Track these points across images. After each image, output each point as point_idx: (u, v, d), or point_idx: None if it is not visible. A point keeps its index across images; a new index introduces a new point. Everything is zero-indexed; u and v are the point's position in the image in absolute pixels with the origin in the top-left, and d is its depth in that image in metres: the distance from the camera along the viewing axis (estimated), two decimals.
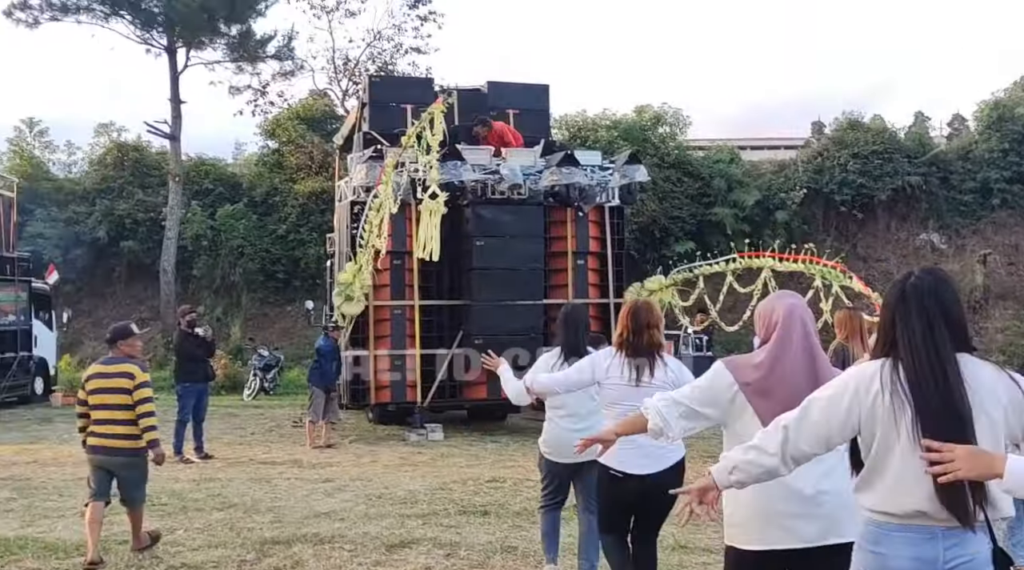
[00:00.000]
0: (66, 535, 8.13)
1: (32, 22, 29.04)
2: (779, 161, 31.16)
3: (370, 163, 14.95)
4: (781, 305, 3.94)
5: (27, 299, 20.90)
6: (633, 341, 5.44)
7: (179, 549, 7.63)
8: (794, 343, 3.82)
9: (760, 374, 3.80)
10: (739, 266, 17.59)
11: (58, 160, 38.11)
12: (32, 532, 8.28)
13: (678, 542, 7.64)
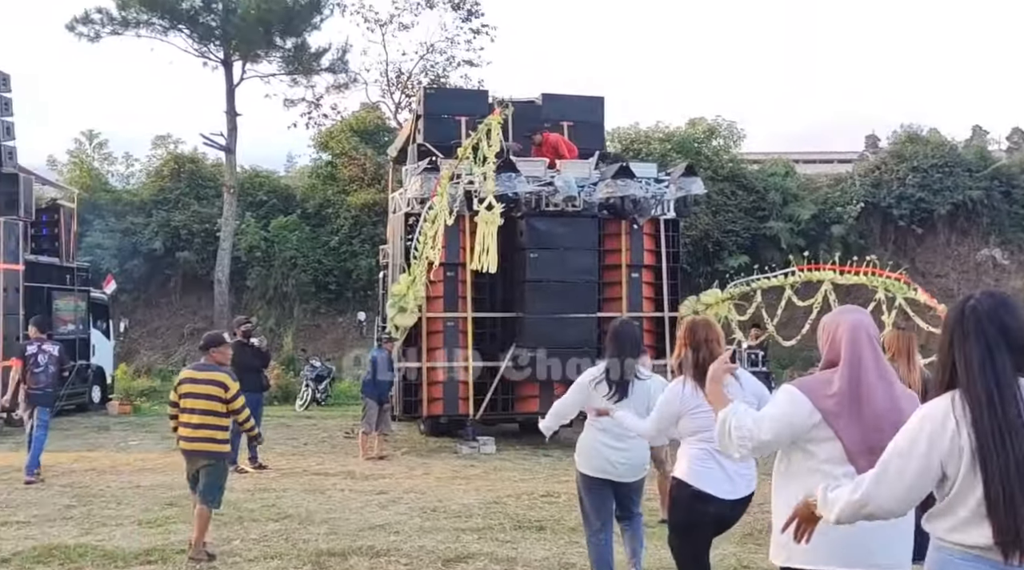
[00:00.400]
0: (124, 544, 8.16)
1: (94, 36, 29.60)
2: (835, 175, 30.79)
3: (425, 175, 14.96)
4: (846, 321, 3.76)
5: (86, 308, 21.19)
6: (694, 359, 5.26)
7: (235, 559, 7.61)
8: (866, 363, 3.66)
9: (842, 403, 3.62)
10: (798, 280, 17.08)
11: (116, 172, 38.60)
12: (91, 540, 8.30)
13: (740, 562, 7.47)
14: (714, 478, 5.05)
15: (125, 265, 29.42)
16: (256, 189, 31.52)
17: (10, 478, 11.89)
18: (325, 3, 30.73)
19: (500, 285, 15.19)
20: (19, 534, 8.56)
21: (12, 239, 17.46)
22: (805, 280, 17.09)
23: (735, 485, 5.04)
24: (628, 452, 6.09)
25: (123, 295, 28.75)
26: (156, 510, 9.70)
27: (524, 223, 14.93)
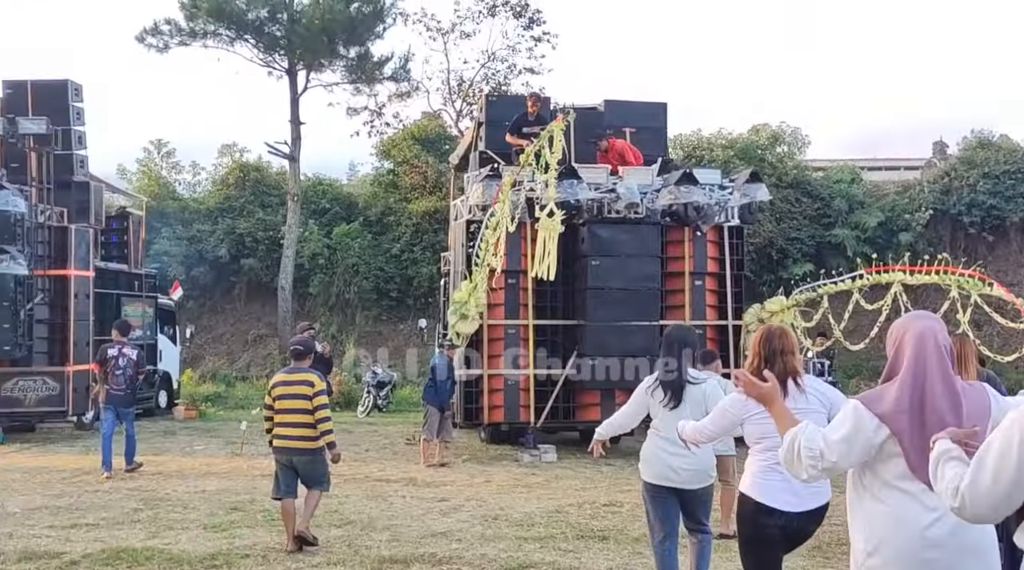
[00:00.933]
0: (190, 547, 8.24)
1: (162, 47, 30.18)
2: (902, 181, 30.24)
3: (487, 182, 14.97)
4: (914, 328, 3.61)
5: (153, 314, 21.53)
6: (768, 368, 5.13)
7: (299, 565, 7.65)
8: (931, 369, 3.51)
9: (902, 403, 3.49)
10: (866, 283, 16.51)
11: (184, 180, 39.40)
12: (158, 543, 8.40)
13: None
14: (777, 490, 4.92)
15: (191, 272, 29.92)
16: (319, 197, 31.85)
17: (80, 481, 12.11)
18: (388, 12, 31.00)
19: (562, 292, 15.13)
20: (88, 536, 8.69)
21: (83, 246, 17.81)
22: (874, 283, 16.54)
23: (800, 497, 4.89)
24: (691, 458, 5.97)
25: (189, 301, 29.23)
26: (221, 514, 9.80)
27: (586, 230, 14.85)
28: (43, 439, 17.13)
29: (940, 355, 3.52)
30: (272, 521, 9.43)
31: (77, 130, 18.74)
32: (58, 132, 17.96)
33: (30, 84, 18.52)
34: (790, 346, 5.15)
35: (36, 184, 17.49)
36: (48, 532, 8.90)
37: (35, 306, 16.87)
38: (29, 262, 16.42)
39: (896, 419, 3.48)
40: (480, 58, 34.40)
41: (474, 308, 14.17)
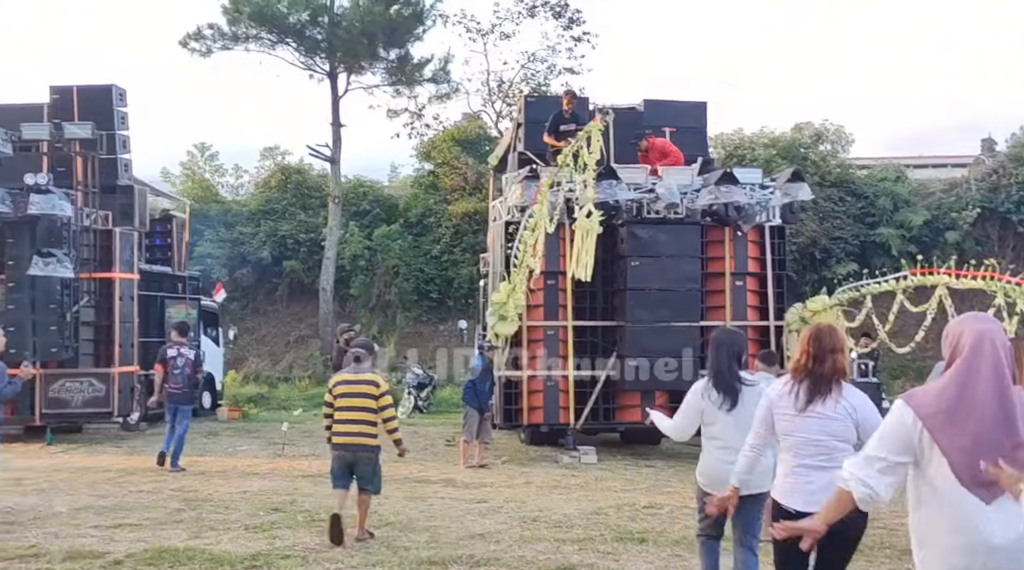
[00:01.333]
0: (231, 547, 8.30)
1: (205, 51, 30.54)
2: (949, 180, 29.77)
3: (525, 183, 14.96)
4: (972, 329, 3.54)
5: (196, 316, 21.71)
6: (813, 368, 5.06)
7: (338, 566, 7.67)
8: (983, 372, 3.43)
9: (944, 403, 3.44)
10: (910, 284, 16.08)
11: (227, 183, 39.85)
12: (199, 543, 8.46)
13: None
14: (803, 493, 4.88)
15: (234, 274, 30.22)
16: (360, 199, 32.02)
17: (125, 481, 12.26)
18: (427, 14, 31.15)
19: (601, 293, 15.09)
20: (132, 536, 8.78)
21: (127, 249, 18.02)
22: (918, 284, 16.06)
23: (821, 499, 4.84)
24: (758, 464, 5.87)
25: (232, 303, 29.48)
26: (262, 515, 9.86)
27: (625, 231, 14.80)
28: (89, 440, 17.37)
29: (996, 359, 3.45)
30: (312, 522, 9.50)
31: (121, 134, 18.98)
32: (103, 136, 18.20)
33: (76, 90, 18.80)
34: (840, 344, 5.08)
35: (82, 188, 17.74)
36: (93, 532, 9.01)
37: (81, 309, 17.10)
38: (75, 265, 16.65)
39: (933, 417, 3.44)
40: (520, 59, 34.49)
41: (513, 309, 14.14)
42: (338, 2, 30.21)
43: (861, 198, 27.82)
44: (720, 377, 6.13)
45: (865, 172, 29.85)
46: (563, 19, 33.93)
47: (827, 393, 4.94)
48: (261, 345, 30.26)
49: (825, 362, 4.94)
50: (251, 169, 40.87)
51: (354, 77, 31.67)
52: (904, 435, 3.49)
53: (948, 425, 3.40)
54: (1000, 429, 3.35)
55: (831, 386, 4.96)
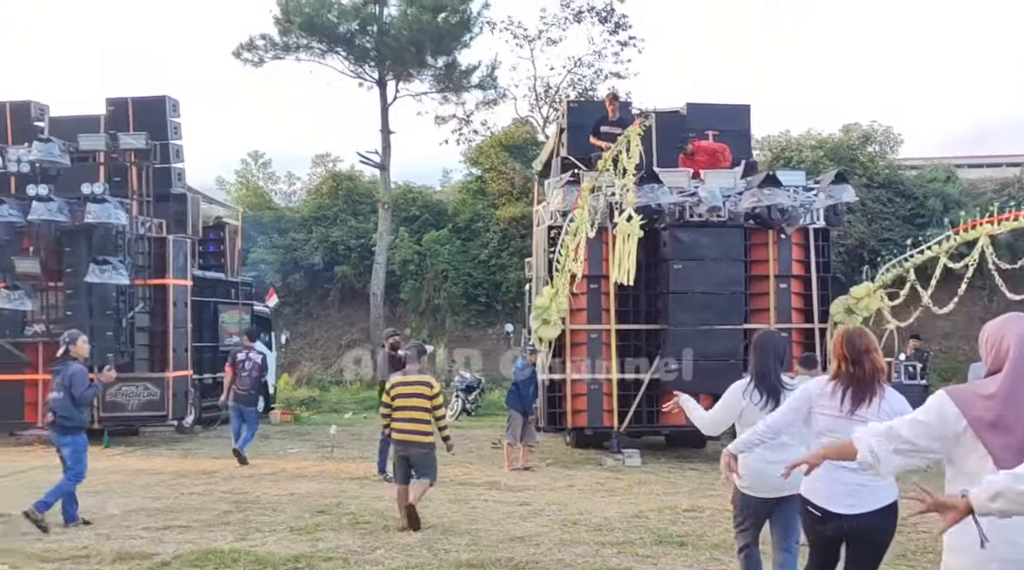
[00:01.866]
0: (276, 549, 8.38)
1: (257, 61, 30.91)
2: (1001, 179, 29.21)
3: (567, 188, 14.98)
4: (1013, 330, 3.52)
5: (250, 320, 21.95)
6: (853, 371, 5.01)
7: (378, 568, 7.71)
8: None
9: (992, 407, 3.41)
10: (952, 244, 15.17)
11: (279, 190, 40.34)
12: (245, 545, 8.55)
13: None
14: (832, 493, 4.86)
15: (287, 279, 30.53)
16: (409, 204, 32.20)
17: (178, 483, 12.44)
18: (475, 21, 31.23)
19: (644, 297, 15.03)
20: (180, 538, 8.91)
21: (181, 256, 18.30)
22: (961, 242, 15.18)
23: (859, 498, 4.78)
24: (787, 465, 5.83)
25: (285, 308, 29.79)
26: (307, 518, 9.94)
27: (667, 234, 14.74)
28: (145, 443, 17.66)
29: None
30: (356, 524, 9.58)
31: (175, 144, 19.28)
32: (157, 146, 18.47)
33: (131, 101, 19.15)
34: (873, 344, 5.06)
35: (136, 197, 18.02)
36: (143, 533, 9.16)
37: (136, 314, 17.39)
38: (130, 272, 16.93)
39: (980, 420, 3.40)
40: (566, 64, 34.47)
41: (556, 313, 14.14)
42: (386, 11, 30.43)
43: (911, 199, 27.42)
44: (764, 379, 6.09)
45: (915, 173, 29.40)
46: (609, 24, 33.84)
47: (872, 394, 4.92)
48: (313, 349, 30.55)
49: (863, 364, 4.93)
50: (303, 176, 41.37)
51: (403, 84, 31.87)
52: (941, 428, 3.48)
53: (997, 425, 3.38)
54: None
55: (875, 388, 4.94)
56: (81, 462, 9.62)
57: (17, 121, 19.08)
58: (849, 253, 25.69)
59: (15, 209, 16.77)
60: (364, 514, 10.11)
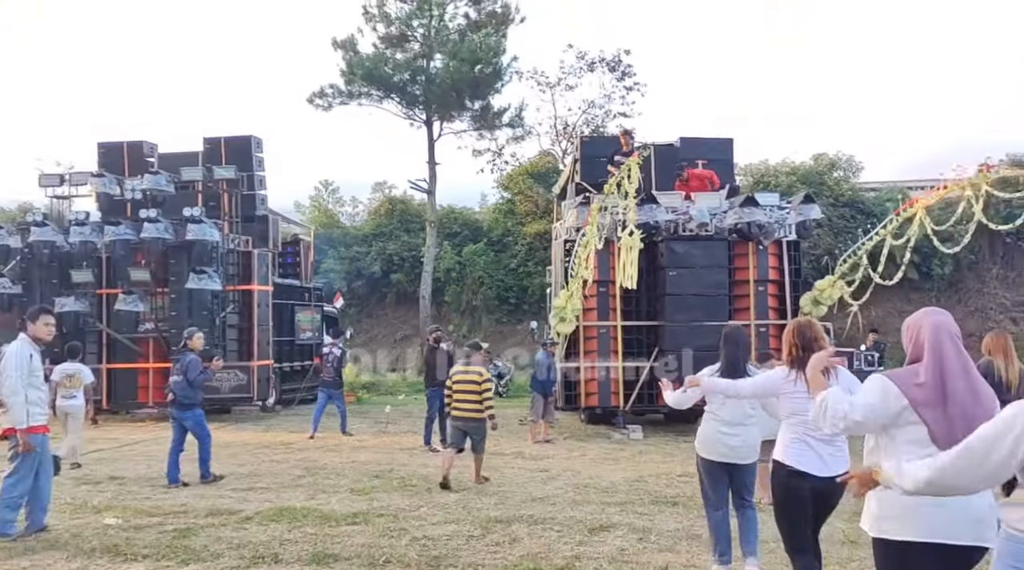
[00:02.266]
0: (339, 507, 8.43)
1: (327, 106, 31.03)
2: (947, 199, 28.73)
3: (580, 208, 14.96)
4: (927, 322, 3.52)
5: (320, 320, 22.13)
6: (804, 357, 5.00)
7: (421, 523, 7.72)
8: (949, 360, 3.41)
9: (928, 393, 3.40)
10: (895, 225, 14.99)
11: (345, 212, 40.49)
12: (313, 504, 8.61)
13: (847, 536, 7.03)
14: (807, 458, 4.90)
15: (351, 285, 30.66)
16: (451, 222, 32.24)
17: (260, 453, 12.53)
18: (505, 71, 31.16)
19: (645, 298, 14.93)
20: (261, 497, 8.99)
21: (264, 266, 18.45)
22: (904, 220, 14.89)
23: (827, 464, 4.81)
24: (742, 436, 5.91)
25: (350, 309, 29.92)
26: (365, 481, 9.99)
27: (664, 246, 14.66)
28: (235, 419, 17.79)
29: (954, 341, 3.45)
30: (405, 487, 9.60)
31: (259, 175, 19.45)
32: (244, 177, 18.68)
33: (223, 140, 19.35)
34: (819, 334, 5.07)
35: (227, 218, 18.21)
36: (231, 493, 9.24)
37: (227, 315, 17.56)
38: (222, 280, 17.10)
39: (916, 392, 3.40)
40: (581, 105, 34.45)
41: (571, 312, 14.12)
42: (433, 64, 30.45)
43: (870, 216, 26.99)
44: (732, 367, 6.07)
45: (873, 194, 29.04)
46: (617, 72, 33.76)
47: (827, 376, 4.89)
48: (373, 343, 30.63)
49: (812, 350, 4.89)
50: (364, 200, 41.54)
51: (446, 124, 31.89)
52: (886, 407, 3.45)
53: (932, 403, 3.37)
54: (973, 405, 3.33)
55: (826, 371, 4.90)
56: (204, 428, 10.22)
57: (132, 157, 19.35)
58: (817, 261, 25.38)
59: (130, 229, 17.01)
60: (412, 479, 10.13)
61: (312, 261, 23.45)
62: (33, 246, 17.55)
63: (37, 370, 7.34)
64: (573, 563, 6.32)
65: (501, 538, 7.12)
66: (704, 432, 6.13)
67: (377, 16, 30.61)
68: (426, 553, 6.61)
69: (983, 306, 26.38)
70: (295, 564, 6.37)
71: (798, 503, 5.06)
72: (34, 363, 7.28)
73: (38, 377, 7.35)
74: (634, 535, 7.24)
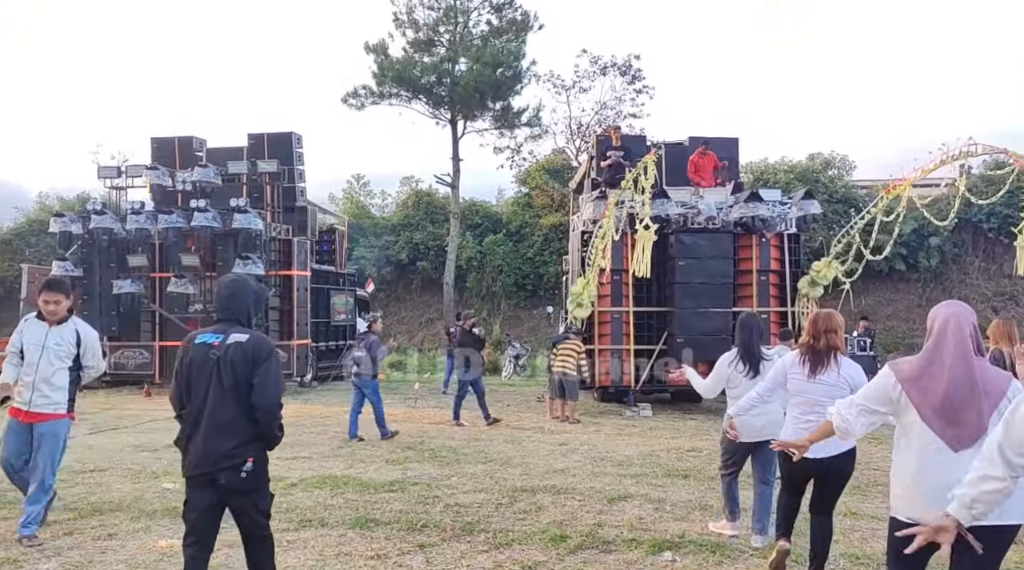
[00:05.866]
0: (376, 476, 8.42)
1: (360, 106, 31.05)
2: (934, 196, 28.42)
3: (596, 202, 14.83)
4: (942, 313, 3.46)
5: (353, 303, 22.18)
6: (814, 344, 5.00)
7: (453, 491, 7.71)
8: (948, 345, 3.35)
9: (916, 371, 3.38)
10: (885, 203, 14.71)
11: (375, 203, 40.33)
12: (352, 472, 8.61)
13: (849, 509, 6.97)
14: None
15: (381, 271, 30.64)
16: (473, 214, 32.14)
17: (300, 425, 12.51)
18: (524, 75, 31.06)
19: (655, 286, 14.82)
20: (304, 466, 8.98)
21: (302, 253, 18.49)
22: (892, 198, 14.57)
23: (827, 445, 4.68)
24: (766, 415, 5.72)
25: (380, 293, 29.93)
26: (399, 452, 9.99)
27: (674, 238, 14.53)
28: None
29: (958, 330, 3.37)
30: (435, 458, 9.58)
31: (298, 168, 19.46)
32: (285, 170, 18.70)
33: (266, 136, 19.36)
34: (833, 326, 5.06)
35: (269, 209, 18.26)
36: (276, 462, 8.94)
37: (269, 297, 17.62)
38: (265, 265, 17.13)
39: (908, 381, 3.38)
40: (594, 107, 34.27)
41: (587, 298, 14.04)
42: (457, 67, 30.34)
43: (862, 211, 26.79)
44: (747, 352, 6.05)
45: (865, 191, 28.72)
46: (628, 76, 33.58)
47: (827, 364, 4.96)
48: (401, 325, 30.66)
49: (821, 340, 4.95)
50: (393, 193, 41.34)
51: (469, 123, 31.82)
52: (885, 391, 3.46)
53: (920, 388, 3.34)
54: (965, 388, 3.26)
55: (829, 359, 4.97)
56: (379, 395, 11.28)
57: (183, 151, 19.40)
58: (814, 253, 25.15)
59: (181, 218, 17.05)
60: (441, 450, 10.12)
61: (346, 249, 23.47)
62: (93, 233, 17.64)
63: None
64: (596, 530, 6.29)
65: (528, 506, 7.10)
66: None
67: (407, 22, 30.55)
68: (459, 519, 6.59)
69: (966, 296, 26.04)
70: (340, 526, 6.37)
71: (795, 478, 5.14)
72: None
73: None
74: (650, 505, 7.20)
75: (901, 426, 3.44)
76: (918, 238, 25.71)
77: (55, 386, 5.91)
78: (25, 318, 6.14)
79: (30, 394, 5.86)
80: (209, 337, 4.13)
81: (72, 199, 32.30)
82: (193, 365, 4.09)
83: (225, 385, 3.99)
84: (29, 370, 5.87)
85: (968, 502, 2.87)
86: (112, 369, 17.69)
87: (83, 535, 6.08)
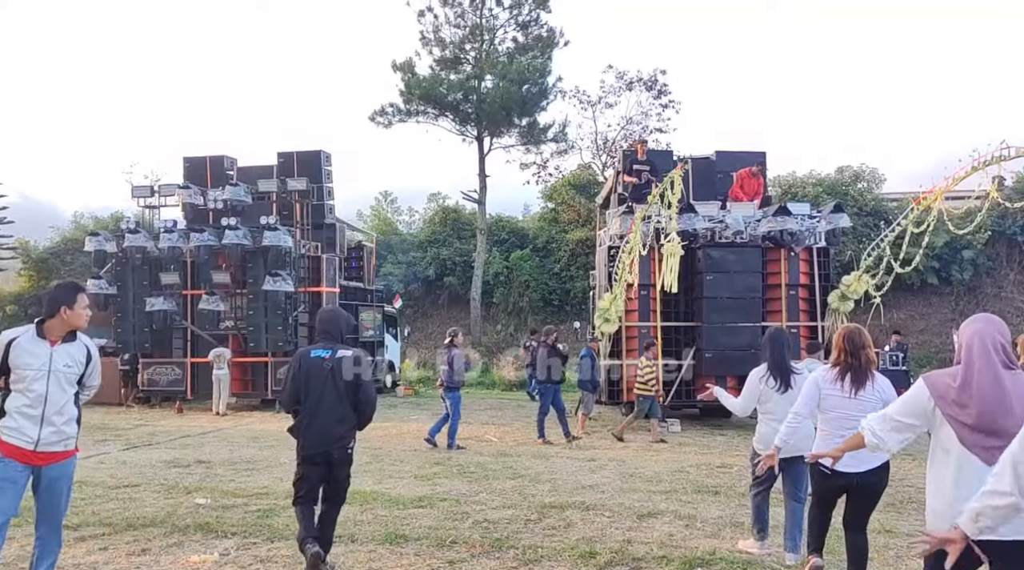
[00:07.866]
0: (405, 492, 8.42)
1: (387, 124, 31.29)
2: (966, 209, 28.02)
3: (623, 217, 14.83)
4: (970, 328, 3.40)
5: (381, 318, 22.28)
6: (851, 362, 4.93)
7: (482, 507, 7.68)
8: (976, 363, 3.29)
9: (949, 387, 3.32)
10: (915, 214, 14.04)
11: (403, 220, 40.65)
12: (381, 488, 8.62)
13: (883, 527, 6.84)
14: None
15: (408, 287, 30.78)
16: (500, 230, 32.21)
17: None
18: (550, 91, 31.15)
19: (683, 301, 14.76)
20: None
21: (331, 270, 18.63)
22: (923, 209, 13.94)
23: (859, 461, 4.65)
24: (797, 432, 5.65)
25: (408, 309, 30.04)
26: (427, 468, 9.99)
27: (702, 252, 14.48)
28: None
29: (986, 352, 3.30)
30: (463, 473, 9.56)
31: (327, 186, 19.66)
32: (314, 188, 18.88)
33: (295, 155, 19.59)
34: (868, 341, 5.01)
35: (299, 226, 18.44)
36: None
37: (299, 314, 17.76)
38: (294, 282, 17.30)
39: (943, 398, 3.33)
40: (620, 122, 34.26)
41: (614, 313, 14.01)
42: (484, 84, 30.53)
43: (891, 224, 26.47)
44: (778, 367, 6.00)
45: (895, 204, 28.39)
46: (653, 91, 33.52)
47: (866, 380, 4.88)
48: (428, 340, 30.72)
49: (859, 356, 4.89)
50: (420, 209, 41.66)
51: (495, 139, 31.94)
52: (919, 406, 3.40)
53: (955, 405, 3.29)
54: (998, 406, 3.20)
55: (868, 375, 4.90)
56: (458, 407, 12.02)
57: (214, 170, 19.68)
58: (844, 267, 24.88)
59: (212, 235, 17.29)
60: (470, 466, 10.10)
61: (374, 265, 23.62)
62: (127, 251, 17.95)
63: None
64: (626, 547, 6.23)
65: (556, 522, 7.05)
66: (763, 431, 6.05)
67: (433, 40, 30.80)
68: (488, 535, 6.57)
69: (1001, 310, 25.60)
70: (370, 543, 6.39)
71: (826, 494, 5.11)
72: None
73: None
74: (680, 522, 7.13)
75: (936, 439, 3.39)
76: (951, 251, 25.35)
77: (67, 417, 4.63)
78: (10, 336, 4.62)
79: (37, 430, 4.51)
80: (321, 352, 5.51)
81: (106, 218, 32.86)
82: (310, 373, 5.46)
83: (340, 388, 5.44)
84: (36, 402, 4.52)
85: (974, 515, 2.83)
86: (145, 385, 17.92)
87: (117, 550, 6.14)
